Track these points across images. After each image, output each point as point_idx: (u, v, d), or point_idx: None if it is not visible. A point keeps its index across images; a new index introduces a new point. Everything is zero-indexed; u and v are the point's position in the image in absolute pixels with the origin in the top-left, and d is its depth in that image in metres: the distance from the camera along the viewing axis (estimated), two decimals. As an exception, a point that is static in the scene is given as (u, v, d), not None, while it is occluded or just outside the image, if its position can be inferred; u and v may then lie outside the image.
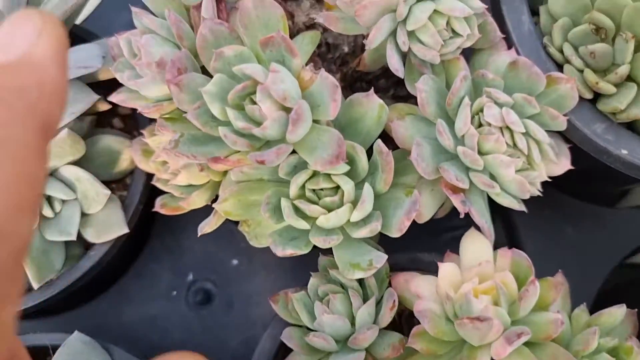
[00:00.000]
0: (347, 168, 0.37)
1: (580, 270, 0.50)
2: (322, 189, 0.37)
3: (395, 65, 0.37)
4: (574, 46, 0.40)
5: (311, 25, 0.50)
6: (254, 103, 0.35)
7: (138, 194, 0.46)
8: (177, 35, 0.37)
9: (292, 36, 0.47)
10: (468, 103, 0.37)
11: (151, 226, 0.56)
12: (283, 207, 0.37)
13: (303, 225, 0.37)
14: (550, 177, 0.40)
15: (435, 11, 0.36)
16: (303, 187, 0.38)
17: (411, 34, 0.37)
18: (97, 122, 0.48)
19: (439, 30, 0.36)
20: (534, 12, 0.44)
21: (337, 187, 0.37)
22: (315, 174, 0.37)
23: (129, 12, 0.57)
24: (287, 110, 0.35)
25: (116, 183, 0.49)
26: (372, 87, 0.46)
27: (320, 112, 0.36)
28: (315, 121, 0.37)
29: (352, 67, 0.47)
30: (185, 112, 0.36)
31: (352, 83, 0.48)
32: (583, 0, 0.39)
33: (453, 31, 0.37)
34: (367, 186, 0.37)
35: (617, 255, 0.51)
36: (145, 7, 0.42)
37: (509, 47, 0.40)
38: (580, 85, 0.39)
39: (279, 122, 0.34)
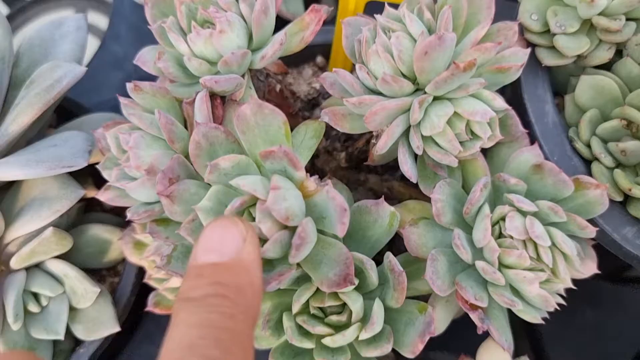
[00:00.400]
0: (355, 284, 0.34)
1: (600, 356, 0.47)
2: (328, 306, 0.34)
3: (409, 172, 0.33)
4: (602, 140, 0.36)
5: (313, 99, 0.47)
6: (253, 218, 0.31)
7: (130, 285, 0.43)
8: (169, 138, 0.34)
9: (292, 115, 0.44)
10: (488, 214, 0.33)
11: (145, 304, 0.53)
12: (285, 328, 0.34)
13: (307, 345, 0.34)
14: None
15: (454, 113, 0.33)
16: (307, 302, 0.35)
17: (426, 138, 0.34)
18: (86, 206, 0.45)
19: (457, 133, 0.33)
20: (556, 92, 0.40)
21: (344, 303, 0.34)
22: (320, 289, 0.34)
23: (119, 71, 0.53)
24: (290, 229, 0.31)
25: (107, 270, 0.45)
26: (379, 173, 0.43)
27: (326, 225, 0.33)
28: (319, 231, 0.34)
29: (358, 148, 0.43)
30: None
31: (358, 163, 0.44)
32: (613, 92, 0.36)
33: (472, 133, 0.34)
34: (377, 304, 0.34)
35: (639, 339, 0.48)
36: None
37: (531, 140, 0.37)
38: (610, 187, 0.36)
39: (280, 243, 0.31)
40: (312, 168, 0.45)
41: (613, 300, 0.49)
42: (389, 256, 0.34)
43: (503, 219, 0.34)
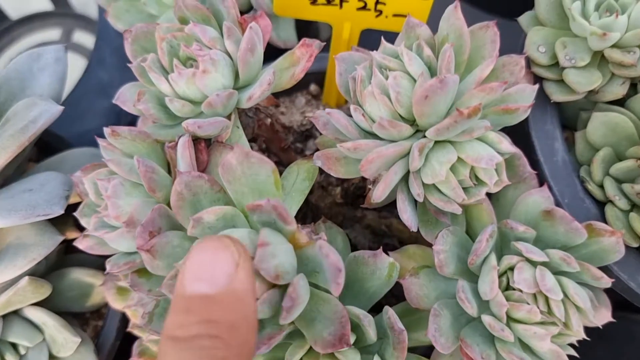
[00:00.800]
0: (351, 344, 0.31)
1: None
2: (323, 364, 0.32)
3: (409, 221, 0.31)
4: (617, 181, 0.34)
5: (307, 130, 0.44)
6: (241, 276, 0.29)
7: (114, 329, 0.41)
8: (149, 187, 0.31)
9: (284, 149, 0.42)
10: (495, 266, 0.31)
11: (130, 351, 0.51)
12: (278, 390, 0.31)
13: (302, 405, 0.31)
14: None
15: (457, 159, 0.30)
16: (301, 360, 0.32)
17: (427, 185, 0.31)
18: (67, 247, 0.42)
19: (460, 179, 0.31)
20: (564, 125, 0.38)
21: (341, 361, 0.32)
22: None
23: (104, 98, 0.51)
24: (280, 287, 0.29)
25: (91, 313, 0.43)
26: (377, 210, 0.41)
27: (320, 280, 0.30)
28: (313, 284, 0.31)
29: (354, 183, 0.41)
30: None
31: (354, 199, 0.42)
32: (627, 129, 0.33)
33: (477, 178, 0.31)
34: (377, 361, 0.31)
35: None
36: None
37: (540, 181, 0.34)
38: (625, 232, 0.33)
39: (270, 303, 0.29)
40: (306, 205, 0.43)
41: (625, 335, 0.46)
42: (388, 311, 0.31)
43: (511, 269, 0.32)
